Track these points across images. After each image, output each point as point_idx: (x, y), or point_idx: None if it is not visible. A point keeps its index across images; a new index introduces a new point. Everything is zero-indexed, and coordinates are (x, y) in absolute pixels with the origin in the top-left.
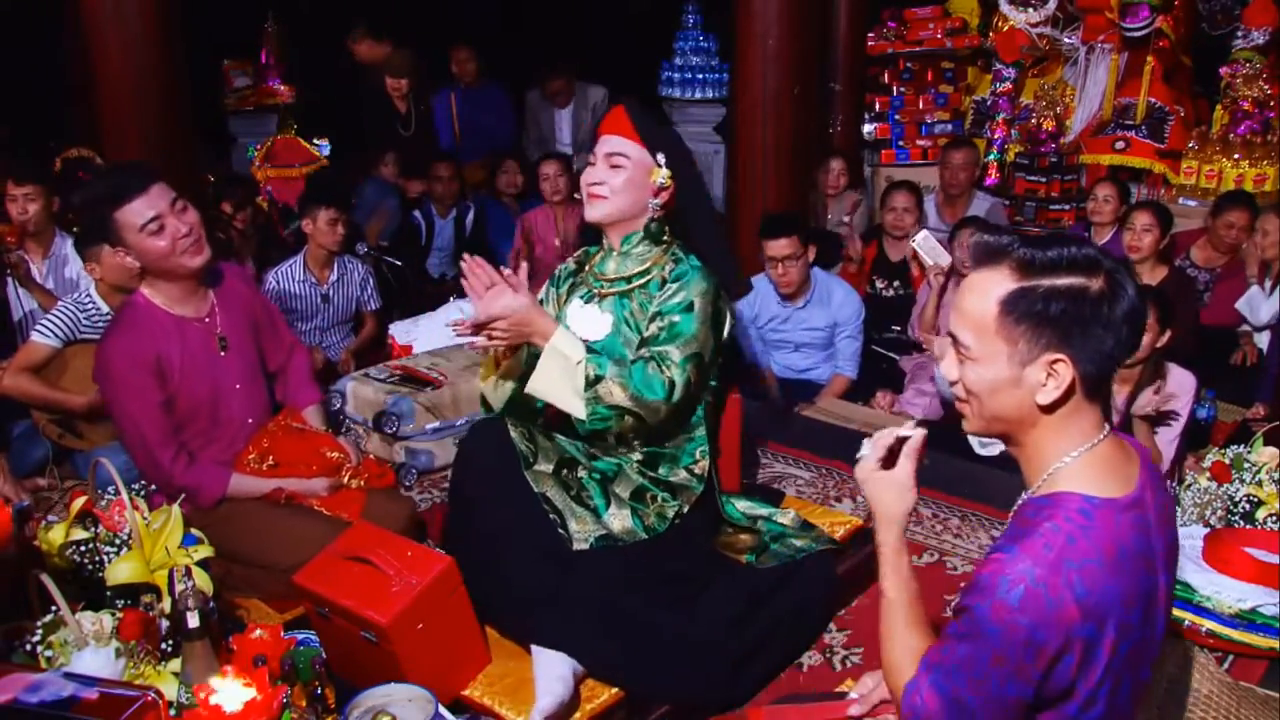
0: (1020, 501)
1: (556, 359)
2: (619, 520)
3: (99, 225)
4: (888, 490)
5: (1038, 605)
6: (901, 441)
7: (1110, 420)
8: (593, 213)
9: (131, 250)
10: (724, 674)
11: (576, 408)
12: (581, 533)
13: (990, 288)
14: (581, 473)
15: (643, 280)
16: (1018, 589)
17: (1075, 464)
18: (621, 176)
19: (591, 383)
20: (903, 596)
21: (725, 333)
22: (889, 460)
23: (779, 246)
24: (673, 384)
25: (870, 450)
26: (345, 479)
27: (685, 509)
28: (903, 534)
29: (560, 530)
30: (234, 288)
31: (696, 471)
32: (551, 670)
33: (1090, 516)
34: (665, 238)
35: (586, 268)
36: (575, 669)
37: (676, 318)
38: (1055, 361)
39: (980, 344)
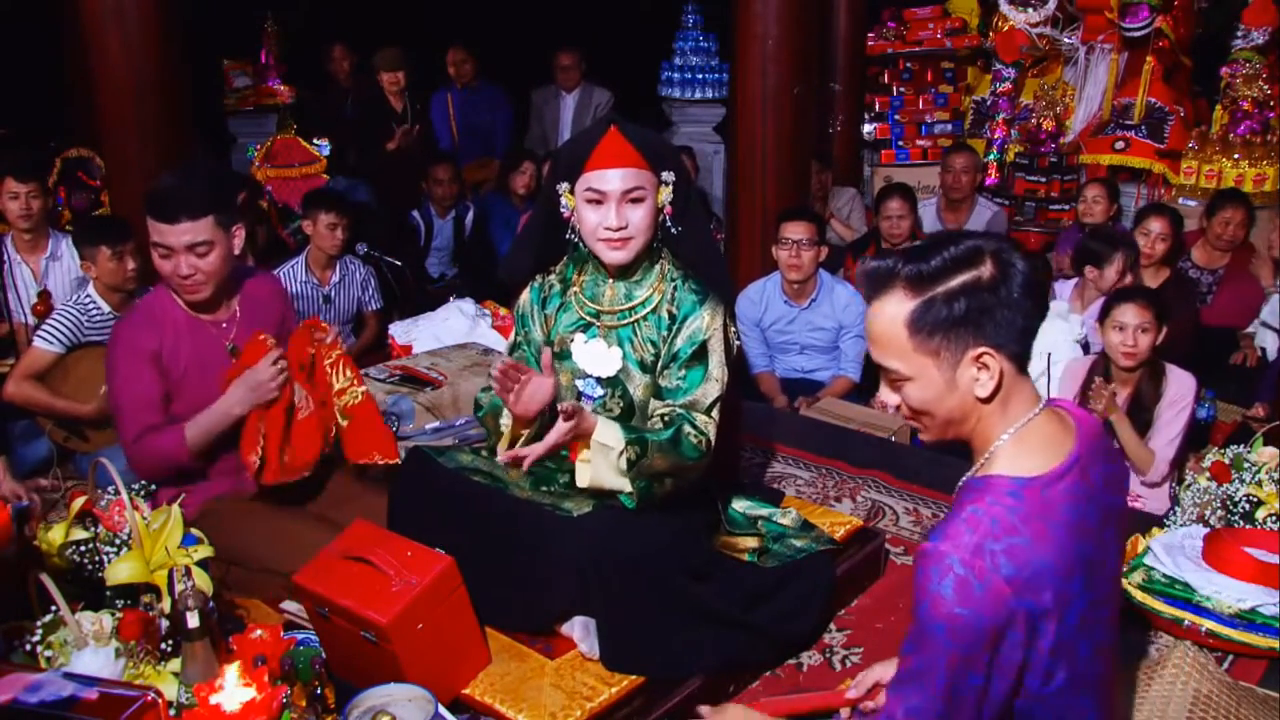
0: (960, 484)
1: (601, 451)
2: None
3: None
4: None
5: (969, 591)
6: None
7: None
8: (621, 256)
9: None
10: (722, 665)
11: (624, 486)
12: (578, 509)
13: (893, 312)
14: (563, 478)
15: (647, 310)
16: (948, 579)
17: (1010, 442)
18: (641, 211)
19: (633, 463)
20: None
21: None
22: None
23: (798, 228)
24: (707, 441)
25: None
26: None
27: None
28: None
29: (556, 511)
30: (263, 298)
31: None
32: (585, 629)
33: (1019, 496)
34: (658, 254)
35: (573, 289)
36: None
37: (695, 364)
38: (981, 355)
39: (906, 365)
